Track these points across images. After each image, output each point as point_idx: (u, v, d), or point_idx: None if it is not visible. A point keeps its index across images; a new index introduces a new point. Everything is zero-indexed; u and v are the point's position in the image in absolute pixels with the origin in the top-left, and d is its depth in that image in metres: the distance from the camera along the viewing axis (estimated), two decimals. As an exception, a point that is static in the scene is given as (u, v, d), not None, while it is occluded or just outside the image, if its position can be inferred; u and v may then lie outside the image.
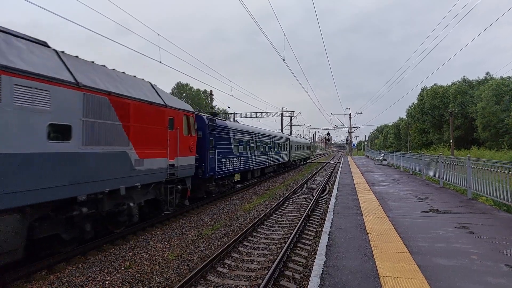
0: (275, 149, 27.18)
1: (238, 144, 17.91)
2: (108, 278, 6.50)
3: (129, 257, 7.67)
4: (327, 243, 5.72)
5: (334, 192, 11.98)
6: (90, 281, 6.32)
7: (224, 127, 15.99)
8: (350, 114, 63.88)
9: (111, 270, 6.90)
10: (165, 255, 7.81)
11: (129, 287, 6.12)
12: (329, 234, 6.27)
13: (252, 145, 20.76)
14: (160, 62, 18.19)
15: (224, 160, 15.62)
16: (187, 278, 6.04)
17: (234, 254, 7.83)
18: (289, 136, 35.18)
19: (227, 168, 16.02)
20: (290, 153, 33.79)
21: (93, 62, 8.31)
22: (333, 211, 8.45)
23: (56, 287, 6.03)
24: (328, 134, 76.16)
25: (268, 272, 6.21)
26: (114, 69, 9.01)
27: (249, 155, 19.98)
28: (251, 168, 20.57)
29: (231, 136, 16.84)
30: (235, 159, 17.21)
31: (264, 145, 23.63)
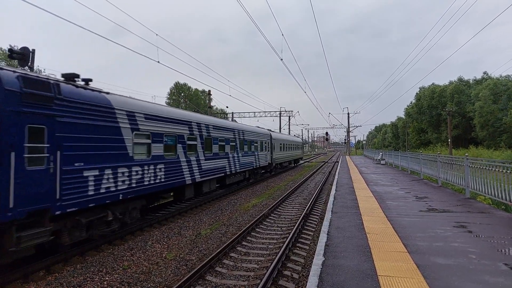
0: (246, 149, 19.90)
1: (150, 141, 10.12)
2: (107, 278, 6.48)
3: (128, 257, 7.65)
4: (326, 242, 5.72)
5: (333, 192, 11.98)
6: (88, 282, 6.30)
7: (99, 106, 8.26)
8: (348, 114, 63.90)
9: (110, 270, 6.89)
10: (164, 255, 7.79)
11: (128, 287, 6.11)
12: (327, 234, 6.27)
13: (193, 142, 13.01)
14: (158, 62, 18.15)
15: (96, 173, 7.89)
16: (185, 278, 6.04)
17: (232, 254, 7.82)
18: (271, 132, 28.12)
19: (109, 188, 8.27)
20: (273, 154, 27.06)
21: None
22: (332, 211, 8.46)
23: (54, 288, 6.01)
24: (327, 133, 76.18)
25: (267, 272, 6.21)
26: None
27: (185, 159, 12.30)
28: (191, 180, 12.70)
29: (126, 126, 9.12)
30: (138, 168, 9.48)
31: (223, 143, 16.34)
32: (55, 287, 6.06)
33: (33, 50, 11.31)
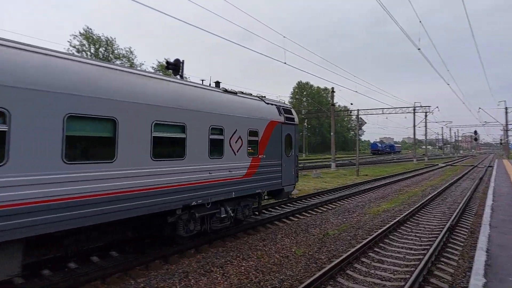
0: None
1: None
2: (243, 264, 7.10)
3: (260, 247, 8.20)
4: (485, 261, 4.78)
5: (489, 202, 9.96)
6: (229, 264, 7.04)
7: None
8: (506, 108, 51.99)
9: (246, 257, 7.52)
10: (293, 250, 8.02)
11: (262, 275, 6.53)
12: (486, 251, 5.24)
13: None
14: (285, 63, 18.86)
15: None
16: (316, 276, 6.03)
17: (364, 259, 7.40)
18: None
19: None
20: None
21: None
22: (490, 224, 7.04)
23: (202, 265, 6.96)
24: (475, 132, 64.04)
25: (406, 284, 5.61)
26: None
27: None
28: None
29: None
30: None
31: None
32: (203, 264, 7.00)
33: (183, 61, 13.42)
